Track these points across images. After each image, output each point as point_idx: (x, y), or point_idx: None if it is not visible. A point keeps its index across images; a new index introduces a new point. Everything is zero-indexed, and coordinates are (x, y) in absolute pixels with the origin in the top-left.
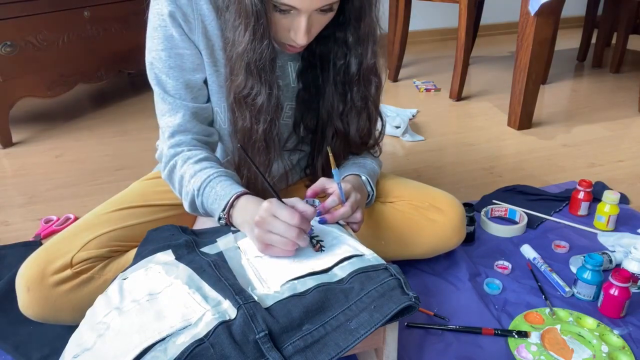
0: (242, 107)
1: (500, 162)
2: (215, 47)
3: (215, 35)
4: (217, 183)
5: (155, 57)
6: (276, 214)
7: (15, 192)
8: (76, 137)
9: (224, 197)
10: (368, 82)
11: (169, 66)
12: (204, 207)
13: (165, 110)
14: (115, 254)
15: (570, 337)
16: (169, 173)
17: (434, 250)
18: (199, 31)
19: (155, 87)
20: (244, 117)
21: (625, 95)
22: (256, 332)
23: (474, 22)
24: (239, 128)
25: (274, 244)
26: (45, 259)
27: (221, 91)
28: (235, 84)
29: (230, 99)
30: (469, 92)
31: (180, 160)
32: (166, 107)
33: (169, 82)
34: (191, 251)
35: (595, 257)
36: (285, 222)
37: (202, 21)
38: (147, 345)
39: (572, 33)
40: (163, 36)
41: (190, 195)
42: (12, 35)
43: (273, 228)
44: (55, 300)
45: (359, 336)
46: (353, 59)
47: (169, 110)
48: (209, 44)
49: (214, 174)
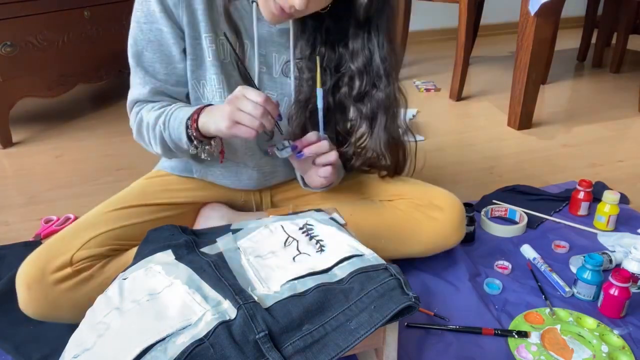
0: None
1: (500, 162)
2: (199, 19)
3: (200, 7)
4: (180, 111)
5: (136, 29)
6: (246, 94)
7: (15, 192)
8: (76, 137)
9: (187, 113)
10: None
11: (148, 39)
12: (172, 138)
13: (137, 82)
14: (115, 252)
15: (570, 337)
16: (138, 128)
17: (433, 248)
18: (182, 5)
19: (131, 59)
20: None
21: (625, 95)
22: (256, 332)
23: (474, 22)
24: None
25: (241, 120)
26: (46, 257)
27: (211, 63)
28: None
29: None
30: (469, 92)
31: (144, 111)
32: (137, 80)
33: (145, 54)
34: (191, 251)
35: (595, 257)
36: (253, 100)
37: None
38: (147, 345)
39: (572, 33)
40: (146, 10)
41: (159, 135)
42: (12, 35)
43: (242, 105)
44: (55, 298)
45: (359, 336)
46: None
47: (139, 83)
48: (191, 17)
49: (174, 106)
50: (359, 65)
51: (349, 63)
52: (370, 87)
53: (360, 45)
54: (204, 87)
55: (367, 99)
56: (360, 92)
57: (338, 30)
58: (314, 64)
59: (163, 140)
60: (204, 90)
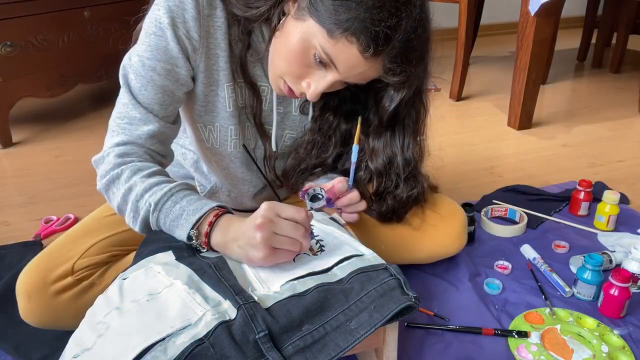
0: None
1: (500, 162)
2: (220, 67)
3: (223, 54)
4: (181, 198)
5: (138, 63)
6: (281, 213)
7: (15, 192)
8: (76, 137)
9: (194, 212)
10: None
11: (150, 78)
12: (160, 223)
13: (133, 118)
14: (115, 258)
15: (570, 337)
16: (109, 183)
17: (434, 256)
18: (202, 51)
19: (125, 91)
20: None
21: (625, 95)
22: (256, 332)
23: (474, 22)
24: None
25: (281, 245)
26: (46, 266)
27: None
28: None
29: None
30: (469, 92)
31: (128, 170)
32: (136, 114)
33: (143, 93)
34: (191, 254)
35: (595, 257)
36: (293, 219)
37: (209, 39)
38: (147, 345)
39: (572, 33)
40: (154, 45)
41: (144, 211)
42: (12, 35)
43: (280, 229)
44: (56, 308)
45: (358, 336)
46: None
47: (138, 120)
48: (210, 64)
49: (175, 187)
50: (378, 166)
51: (366, 158)
52: (392, 187)
53: (382, 144)
54: (210, 132)
55: (387, 197)
56: (378, 192)
57: (355, 101)
58: (320, 148)
59: (146, 219)
60: (210, 135)
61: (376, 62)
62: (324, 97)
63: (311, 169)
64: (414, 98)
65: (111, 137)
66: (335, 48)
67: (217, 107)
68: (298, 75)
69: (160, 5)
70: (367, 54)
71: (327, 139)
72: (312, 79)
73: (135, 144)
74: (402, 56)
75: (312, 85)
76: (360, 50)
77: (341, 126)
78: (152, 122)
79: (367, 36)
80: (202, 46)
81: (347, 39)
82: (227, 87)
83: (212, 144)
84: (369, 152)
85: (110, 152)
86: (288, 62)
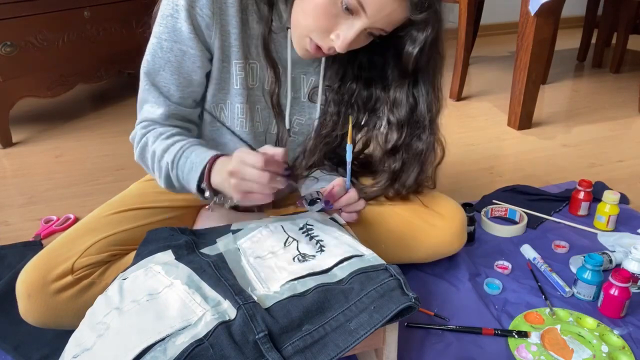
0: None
1: (500, 162)
2: (231, 44)
3: (234, 31)
4: (192, 152)
5: (156, 45)
6: (245, 160)
7: (15, 192)
8: (76, 137)
9: (201, 163)
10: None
11: (167, 59)
12: (179, 179)
13: (148, 100)
14: (115, 257)
15: (570, 337)
16: (141, 152)
17: (434, 255)
18: (216, 27)
19: (143, 76)
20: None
21: (625, 95)
22: (256, 332)
23: (474, 22)
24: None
25: (251, 189)
26: (46, 265)
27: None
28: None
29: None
30: (469, 92)
31: (152, 136)
32: (150, 98)
33: (161, 74)
34: (191, 252)
35: (595, 257)
36: (253, 167)
37: (221, 16)
38: (147, 345)
39: (572, 33)
40: (171, 26)
41: (165, 170)
42: (12, 35)
43: (245, 175)
44: (56, 307)
45: (358, 337)
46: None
47: (152, 103)
48: (223, 41)
49: (186, 144)
50: (401, 117)
51: (386, 111)
52: (410, 139)
53: (404, 94)
54: (221, 111)
55: (403, 151)
56: (396, 145)
57: (372, 67)
58: (345, 118)
59: (168, 177)
60: (221, 113)
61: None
62: (341, 64)
63: (339, 139)
64: (435, 42)
65: (138, 117)
66: None
67: (228, 84)
68: (326, 28)
69: None
70: None
71: (350, 108)
72: (341, 29)
73: (154, 121)
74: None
75: (340, 35)
76: None
77: (362, 93)
78: (165, 106)
79: None
80: (215, 22)
81: None
82: (235, 64)
83: (223, 122)
84: (389, 104)
85: (137, 127)
86: (316, 16)
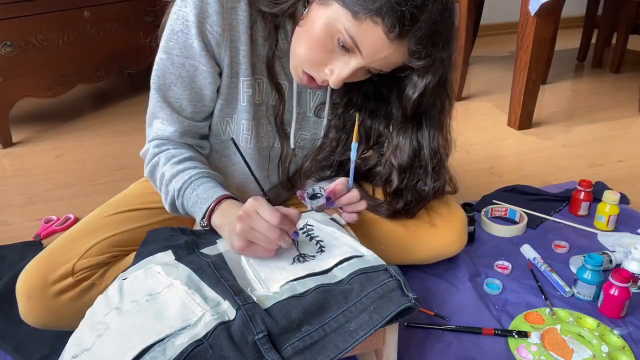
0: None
1: (500, 162)
2: (240, 61)
3: (243, 47)
4: (199, 185)
5: (167, 60)
6: (260, 211)
7: (15, 192)
8: (76, 137)
9: (206, 201)
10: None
11: (179, 75)
12: (184, 208)
13: (160, 116)
14: (115, 259)
15: (570, 337)
16: (151, 170)
17: (434, 257)
18: (226, 44)
19: (154, 91)
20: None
21: (625, 95)
22: (255, 333)
23: (474, 22)
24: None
25: (257, 241)
26: (46, 267)
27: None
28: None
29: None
30: (469, 92)
31: (164, 158)
32: (161, 114)
33: (173, 90)
34: (191, 252)
35: (595, 257)
36: (268, 221)
37: (231, 32)
38: (146, 345)
39: (572, 33)
40: (182, 42)
41: (171, 196)
42: (12, 35)
43: (256, 225)
44: (56, 308)
45: (358, 338)
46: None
47: (163, 120)
48: (233, 58)
49: (195, 175)
50: (402, 162)
51: (389, 153)
52: (414, 183)
53: (407, 137)
54: (227, 125)
55: (406, 192)
56: (398, 188)
57: (378, 98)
58: (350, 124)
59: (174, 203)
60: (227, 127)
61: (401, 45)
62: (347, 89)
63: (335, 166)
64: (439, 87)
65: (148, 132)
66: (360, 30)
67: (236, 99)
68: (320, 61)
69: (186, 2)
70: (392, 34)
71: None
72: (335, 65)
73: (166, 139)
74: (427, 38)
75: (335, 71)
76: (386, 31)
77: (366, 122)
78: (178, 123)
79: (393, 16)
80: (225, 39)
81: (372, 20)
82: (243, 81)
83: (229, 136)
84: (392, 148)
85: (150, 145)
86: (311, 48)
